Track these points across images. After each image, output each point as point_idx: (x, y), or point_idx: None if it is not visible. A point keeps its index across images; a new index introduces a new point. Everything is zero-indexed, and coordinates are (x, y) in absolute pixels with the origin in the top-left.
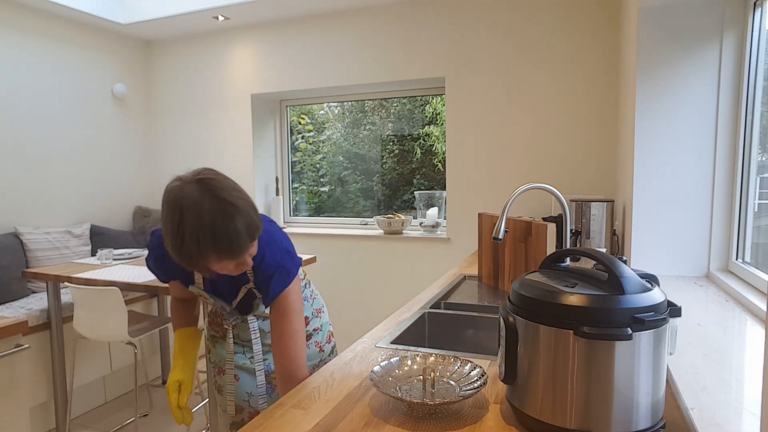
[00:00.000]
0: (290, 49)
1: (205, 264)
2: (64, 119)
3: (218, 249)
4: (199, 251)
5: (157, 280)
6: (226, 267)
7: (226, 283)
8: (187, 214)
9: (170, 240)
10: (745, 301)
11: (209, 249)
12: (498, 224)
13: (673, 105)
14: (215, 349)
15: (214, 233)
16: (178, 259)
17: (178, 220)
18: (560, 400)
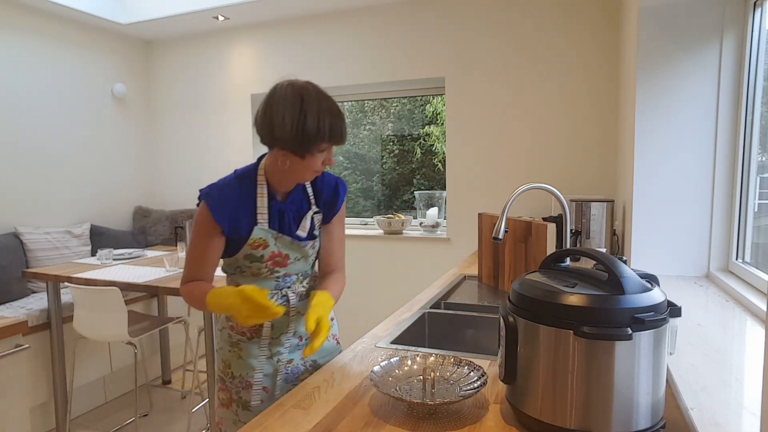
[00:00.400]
0: (290, 49)
1: (314, 147)
2: (64, 119)
3: (333, 129)
4: (317, 131)
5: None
6: (316, 162)
7: (289, 215)
8: (308, 101)
9: (290, 125)
10: (745, 301)
11: (326, 128)
12: (498, 224)
13: (673, 105)
14: (242, 360)
15: (333, 115)
16: (293, 141)
17: (299, 106)
18: (560, 400)
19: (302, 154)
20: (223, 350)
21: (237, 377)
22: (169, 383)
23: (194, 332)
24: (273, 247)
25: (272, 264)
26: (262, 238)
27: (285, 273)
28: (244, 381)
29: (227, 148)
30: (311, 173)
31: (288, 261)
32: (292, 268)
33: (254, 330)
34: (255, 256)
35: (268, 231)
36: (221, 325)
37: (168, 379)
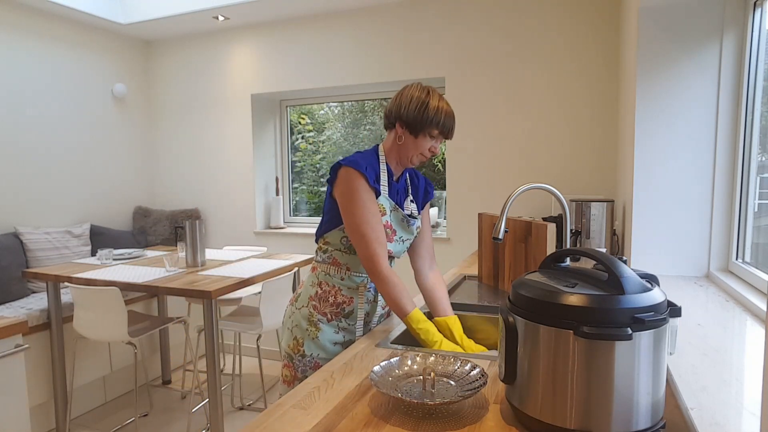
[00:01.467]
0: (290, 49)
1: (426, 130)
2: (64, 119)
3: (445, 123)
4: (435, 116)
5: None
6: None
7: (401, 194)
8: (434, 94)
9: (416, 107)
10: (745, 301)
11: (442, 118)
12: (498, 224)
13: (673, 105)
14: (316, 340)
15: (447, 114)
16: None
17: (426, 93)
18: (560, 400)
19: (416, 132)
20: (299, 327)
21: (307, 356)
22: (169, 383)
23: (194, 332)
24: (388, 217)
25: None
26: (383, 206)
27: (388, 250)
28: (313, 361)
29: (227, 148)
30: (418, 156)
31: (394, 237)
32: (394, 246)
33: (335, 312)
34: None
35: (389, 199)
36: (301, 303)
37: (168, 379)
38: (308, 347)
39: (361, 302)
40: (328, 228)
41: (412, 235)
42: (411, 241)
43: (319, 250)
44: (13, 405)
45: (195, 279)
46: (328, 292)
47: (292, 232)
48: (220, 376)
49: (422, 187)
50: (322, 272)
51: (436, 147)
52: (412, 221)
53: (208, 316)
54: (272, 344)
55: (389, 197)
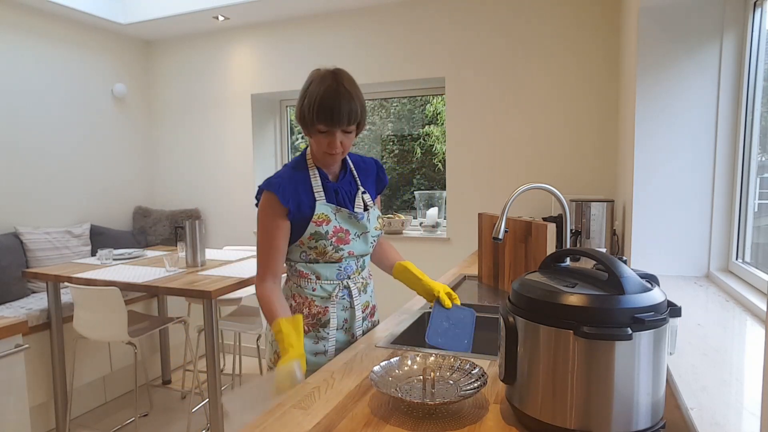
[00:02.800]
0: (290, 49)
1: (310, 127)
2: (64, 119)
3: (320, 115)
4: (309, 113)
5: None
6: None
7: (343, 193)
8: (311, 84)
9: (297, 104)
10: (745, 301)
11: (315, 112)
12: (498, 224)
13: (673, 105)
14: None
15: (323, 99)
16: (299, 117)
17: (305, 89)
18: (560, 400)
19: (305, 131)
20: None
21: None
22: (169, 383)
23: (194, 332)
24: (335, 222)
25: (336, 240)
26: (324, 213)
27: (349, 252)
28: None
29: (227, 149)
30: (322, 154)
31: (349, 237)
32: (355, 246)
33: (312, 324)
34: (320, 234)
35: (328, 205)
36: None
37: (168, 379)
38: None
39: (335, 310)
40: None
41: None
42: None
43: (287, 263)
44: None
45: (195, 279)
46: (302, 304)
47: None
48: (220, 376)
49: (373, 173)
50: (294, 284)
51: (333, 142)
52: (360, 215)
53: (208, 316)
54: None
55: (328, 202)
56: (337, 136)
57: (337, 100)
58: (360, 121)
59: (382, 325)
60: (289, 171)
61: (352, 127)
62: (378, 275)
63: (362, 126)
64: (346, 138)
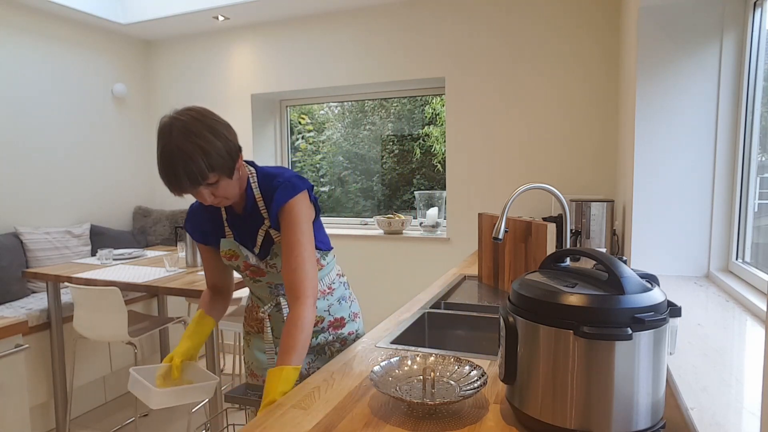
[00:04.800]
0: (290, 49)
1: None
2: (64, 119)
3: (165, 182)
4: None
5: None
6: (202, 196)
7: (247, 228)
8: (158, 146)
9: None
10: (745, 301)
11: (165, 179)
12: (498, 224)
13: (673, 105)
14: (249, 350)
15: (160, 169)
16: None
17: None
18: (560, 400)
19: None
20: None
21: (247, 363)
22: None
23: None
24: (243, 258)
25: (250, 273)
26: (231, 250)
27: (267, 282)
28: (249, 369)
29: None
30: (211, 203)
31: (263, 270)
32: (273, 277)
33: (259, 326)
34: (233, 266)
35: (233, 243)
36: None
37: None
38: (247, 355)
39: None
40: None
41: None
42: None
43: None
44: (13, 405)
45: (195, 279)
46: (253, 308)
47: None
48: (220, 376)
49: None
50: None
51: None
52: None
53: None
54: None
55: (235, 240)
56: (202, 192)
57: (171, 164)
58: (216, 169)
59: (382, 325)
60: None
61: (209, 181)
62: (378, 275)
63: (231, 170)
64: (216, 189)
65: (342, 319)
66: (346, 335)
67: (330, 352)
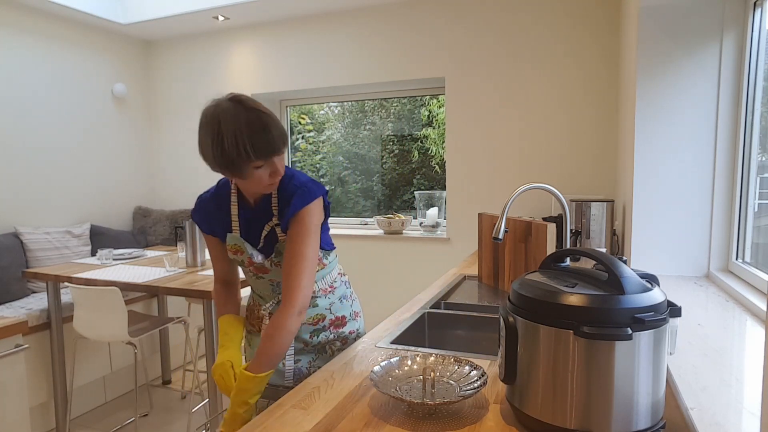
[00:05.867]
0: (290, 49)
1: (245, 167)
2: (64, 119)
3: (255, 145)
4: (238, 153)
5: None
6: (261, 177)
7: (255, 223)
8: (225, 123)
9: (211, 152)
10: (745, 301)
11: (247, 147)
12: (498, 224)
13: (673, 105)
14: (250, 349)
15: (251, 132)
16: (221, 167)
17: (216, 129)
18: (560, 400)
19: (238, 176)
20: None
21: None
22: (169, 383)
23: (194, 332)
24: (247, 254)
25: (254, 269)
26: (237, 245)
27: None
28: None
29: None
30: (264, 187)
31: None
32: (276, 274)
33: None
34: (237, 261)
35: (238, 238)
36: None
37: (168, 379)
38: (249, 355)
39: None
40: None
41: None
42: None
43: None
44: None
45: (195, 279)
46: (254, 306)
47: None
48: None
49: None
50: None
51: (276, 171)
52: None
53: (208, 316)
54: None
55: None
56: (276, 162)
57: (262, 129)
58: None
59: (382, 325)
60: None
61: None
62: (378, 275)
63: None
64: (281, 161)
65: (343, 317)
66: (347, 334)
67: (331, 351)
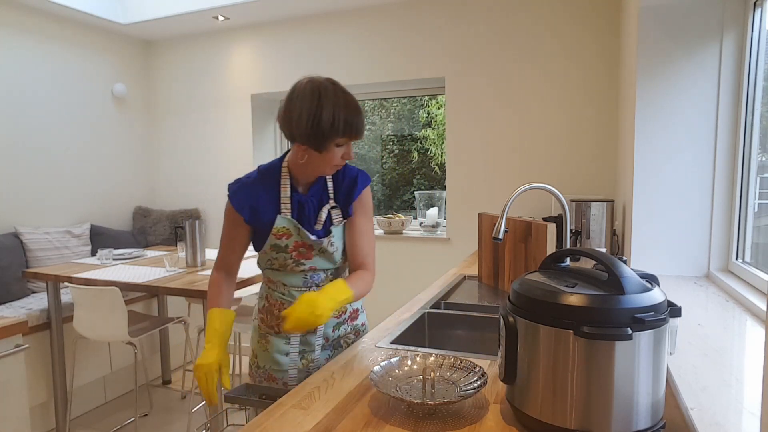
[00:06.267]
0: (290, 49)
1: (329, 142)
2: (64, 119)
3: (349, 123)
4: (332, 126)
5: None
6: (335, 156)
7: (309, 206)
8: (325, 97)
9: (305, 121)
10: (745, 301)
11: (342, 123)
12: (498, 224)
13: (673, 105)
14: (266, 353)
15: (348, 110)
16: (307, 137)
17: (317, 102)
18: (560, 400)
19: (319, 148)
20: (253, 340)
21: (261, 368)
22: (169, 383)
23: (194, 332)
24: (296, 237)
25: (297, 255)
26: (285, 227)
27: (311, 267)
28: (267, 373)
29: (227, 148)
30: (331, 167)
31: (312, 252)
32: (317, 262)
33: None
34: (280, 246)
35: (290, 221)
36: (254, 316)
37: (168, 379)
38: (261, 359)
39: None
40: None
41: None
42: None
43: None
44: (13, 405)
45: (195, 279)
46: (274, 305)
47: None
48: None
49: (348, 182)
50: (266, 287)
51: (349, 152)
52: (316, 235)
53: None
54: None
55: (291, 218)
56: (350, 146)
57: (357, 111)
58: None
59: (382, 325)
60: (255, 176)
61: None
62: (378, 275)
63: None
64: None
65: (357, 310)
66: (359, 326)
67: (346, 344)
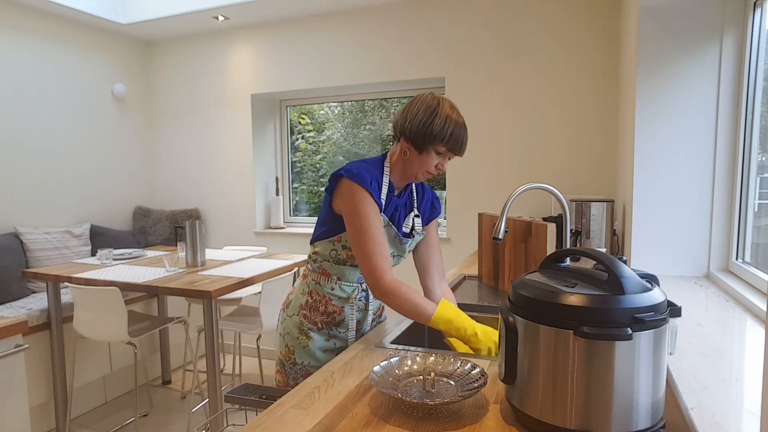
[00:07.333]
0: (290, 49)
1: (431, 146)
2: (64, 119)
3: (454, 136)
4: (440, 131)
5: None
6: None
7: (401, 209)
8: (443, 108)
9: (421, 119)
10: (745, 301)
11: (449, 133)
12: (498, 224)
13: (673, 105)
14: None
15: (457, 127)
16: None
17: (435, 108)
18: (560, 400)
19: (421, 149)
20: (290, 335)
21: (299, 364)
22: (169, 383)
23: (194, 332)
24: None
25: None
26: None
27: None
28: (305, 369)
29: (227, 149)
30: (423, 173)
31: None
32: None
33: (326, 321)
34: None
35: (384, 217)
36: (292, 312)
37: (168, 379)
38: (299, 355)
39: (352, 311)
40: (319, 237)
41: (404, 253)
42: (402, 258)
43: (310, 259)
44: (13, 405)
45: (195, 279)
46: (319, 302)
47: (292, 232)
48: (220, 376)
49: (428, 201)
50: (313, 281)
51: (443, 164)
52: (405, 240)
53: (208, 316)
54: (272, 344)
55: (384, 213)
56: (446, 160)
57: (465, 130)
58: None
59: (382, 325)
60: (373, 169)
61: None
62: None
63: None
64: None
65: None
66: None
67: None
